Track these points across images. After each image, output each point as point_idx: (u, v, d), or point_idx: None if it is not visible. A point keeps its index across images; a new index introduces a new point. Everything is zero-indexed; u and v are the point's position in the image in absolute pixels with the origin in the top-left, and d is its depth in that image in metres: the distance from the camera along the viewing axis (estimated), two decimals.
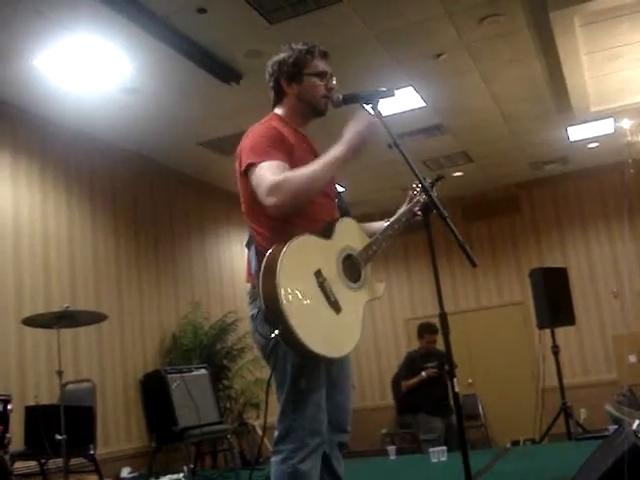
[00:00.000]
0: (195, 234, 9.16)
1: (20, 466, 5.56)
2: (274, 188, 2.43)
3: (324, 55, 2.76)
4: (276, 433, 2.54)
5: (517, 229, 11.40)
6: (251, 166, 2.53)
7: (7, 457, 4.72)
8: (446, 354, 2.70)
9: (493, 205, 11.42)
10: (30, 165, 6.84)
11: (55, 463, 5.43)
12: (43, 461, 5.52)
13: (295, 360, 2.48)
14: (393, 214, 2.94)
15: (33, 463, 5.64)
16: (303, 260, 2.45)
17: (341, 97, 2.71)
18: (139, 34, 5.74)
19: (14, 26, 5.45)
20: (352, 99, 2.70)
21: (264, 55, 6.29)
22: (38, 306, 6.36)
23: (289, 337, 2.33)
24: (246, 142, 2.63)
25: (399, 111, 7.65)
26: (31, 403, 5.75)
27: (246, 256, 2.67)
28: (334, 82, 2.77)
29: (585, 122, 8.76)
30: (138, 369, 7.50)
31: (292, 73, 2.72)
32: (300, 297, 2.39)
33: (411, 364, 7.55)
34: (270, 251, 2.42)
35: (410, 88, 7.31)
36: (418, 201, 2.90)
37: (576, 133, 9.22)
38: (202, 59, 6.28)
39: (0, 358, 6.05)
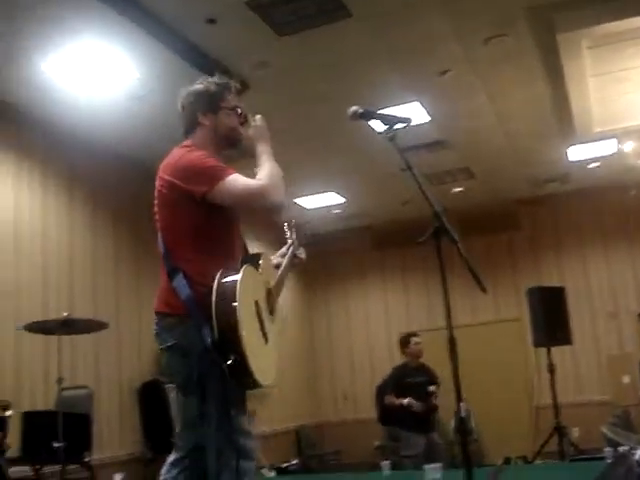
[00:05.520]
0: None
1: (15, 471, 5.53)
2: (269, 189, 2.57)
3: (239, 92, 2.89)
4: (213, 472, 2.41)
5: (515, 246, 11.40)
6: (214, 187, 2.54)
7: (3, 462, 4.72)
8: (454, 380, 2.71)
9: (492, 221, 11.39)
10: (33, 169, 6.81)
11: (49, 468, 5.40)
12: (38, 467, 5.50)
13: (224, 391, 2.41)
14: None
15: (28, 468, 5.61)
16: (249, 290, 2.53)
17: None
18: (147, 41, 5.74)
19: (23, 29, 5.44)
20: (370, 115, 2.89)
21: (271, 67, 6.32)
22: (36, 311, 6.28)
23: (241, 366, 2.33)
24: (182, 170, 2.63)
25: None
26: (27, 409, 5.73)
27: (163, 285, 2.58)
28: (244, 116, 2.87)
29: (588, 142, 8.78)
30: (134, 376, 7.48)
31: (209, 104, 2.79)
32: (249, 326, 2.45)
33: (399, 379, 7.38)
34: (221, 279, 2.43)
35: (417, 103, 7.33)
36: (293, 244, 3.16)
37: (577, 153, 9.24)
38: (210, 69, 6.28)
39: None
